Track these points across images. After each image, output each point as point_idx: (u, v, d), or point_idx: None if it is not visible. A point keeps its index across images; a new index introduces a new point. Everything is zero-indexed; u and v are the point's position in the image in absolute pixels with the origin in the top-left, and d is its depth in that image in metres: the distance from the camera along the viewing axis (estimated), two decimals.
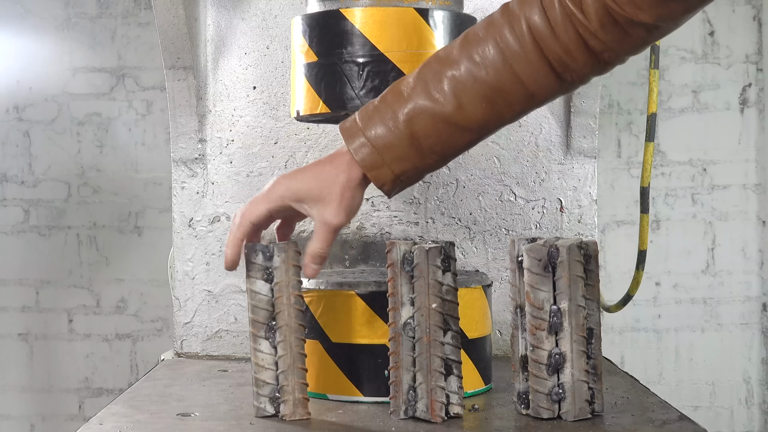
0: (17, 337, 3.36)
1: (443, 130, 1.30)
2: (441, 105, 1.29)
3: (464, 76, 1.29)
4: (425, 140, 1.30)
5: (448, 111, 1.29)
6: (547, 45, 1.27)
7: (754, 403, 3.32)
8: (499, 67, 1.29)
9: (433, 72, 1.31)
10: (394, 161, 1.30)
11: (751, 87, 3.31)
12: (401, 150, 1.30)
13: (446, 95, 1.29)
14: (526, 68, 1.28)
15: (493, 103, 1.30)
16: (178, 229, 1.94)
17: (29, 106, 3.34)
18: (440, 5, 1.51)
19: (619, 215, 3.30)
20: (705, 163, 3.31)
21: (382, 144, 1.30)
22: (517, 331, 1.37)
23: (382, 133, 1.30)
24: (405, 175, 1.32)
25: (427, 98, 1.30)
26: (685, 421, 1.35)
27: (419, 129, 1.30)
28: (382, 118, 1.31)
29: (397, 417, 1.37)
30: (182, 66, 1.86)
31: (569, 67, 1.29)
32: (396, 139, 1.30)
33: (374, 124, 1.31)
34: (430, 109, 1.30)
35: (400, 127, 1.30)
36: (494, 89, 1.29)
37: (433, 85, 1.30)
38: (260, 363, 1.37)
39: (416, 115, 1.30)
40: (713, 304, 3.32)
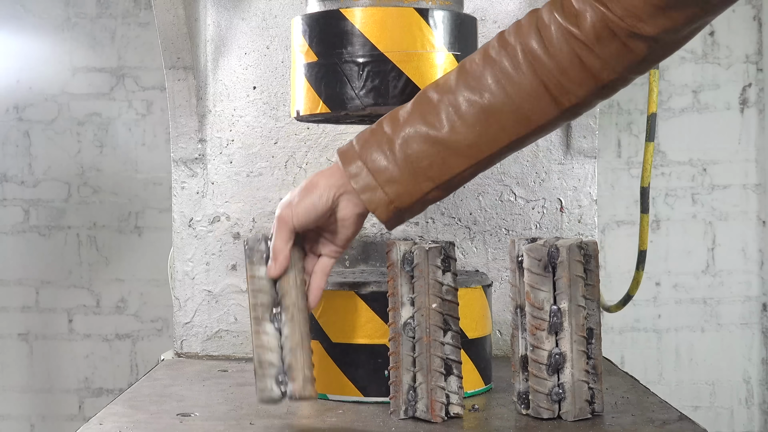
0: (17, 337, 3.36)
1: (436, 154, 1.30)
2: (435, 128, 1.30)
3: (458, 100, 1.30)
4: (419, 163, 1.30)
5: (441, 134, 1.30)
6: (542, 65, 1.27)
7: (754, 403, 3.33)
8: (493, 90, 1.29)
9: (430, 99, 1.32)
10: (387, 184, 1.30)
11: (751, 87, 3.31)
12: (395, 173, 1.30)
13: (440, 119, 1.30)
14: (520, 90, 1.28)
15: (486, 125, 1.29)
16: (178, 229, 1.94)
17: (29, 106, 3.34)
18: (440, 5, 1.51)
19: (619, 215, 3.30)
20: (705, 163, 3.31)
21: (376, 167, 1.30)
22: (517, 331, 1.37)
23: (377, 156, 1.31)
24: (399, 200, 1.31)
25: (422, 123, 1.30)
26: (685, 421, 1.35)
27: (413, 152, 1.30)
28: (378, 143, 1.31)
29: (397, 417, 1.37)
30: (182, 66, 1.86)
31: (565, 89, 1.27)
32: (390, 163, 1.30)
33: (370, 149, 1.31)
34: (424, 133, 1.30)
35: (394, 150, 1.30)
36: (487, 111, 1.29)
37: (428, 110, 1.31)
38: (264, 345, 1.32)
39: (410, 138, 1.30)
40: (713, 304, 3.32)
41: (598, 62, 1.25)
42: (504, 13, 1.92)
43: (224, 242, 1.93)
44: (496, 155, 1.32)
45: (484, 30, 1.90)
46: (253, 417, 1.41)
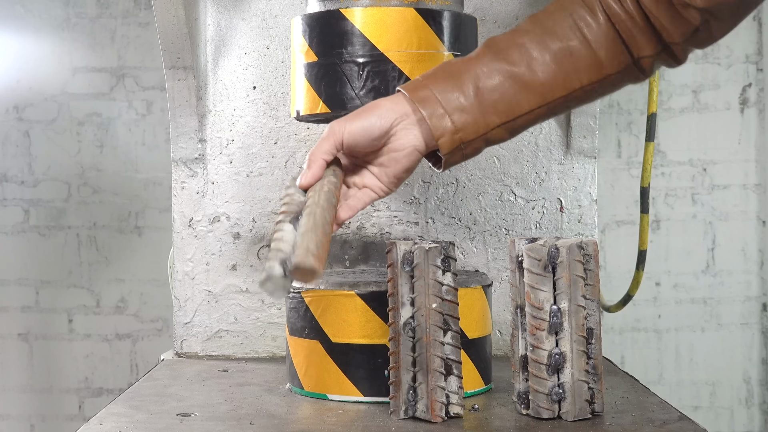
0: (17, 337, 3.36)
1: (508, 87, 1.29)
2: (509, 63, 1.29)
3: (534, 40, 1.30)
4: (489, 96, 1.28)
5: (515, 68, 1.29)
6: (615, 14, 1.29)
7: (754, 403, 3.32)
8: (569, 34, 1.29)
9: (502, 41, 1.31)
10: (456, 111, 1.27)
11: (751, 87, 3.31)
12: (464, 102, 1.28)
13: (514, 55, 1.29)
14: (597, 35, 1.29)
15: (561, 65, 1.29)
16: (178, 229, 1.94)
17: (29, 106, 3.34)
18: (440, 5, 1.51)
19: (619, 215, 3.30)
20: (705, 163, 3.31)
21: (445, 95, 1.28)
22: (517, 331, 1.37)
23: (447, 85, 1.28)
24: (465, 131, 1.28)
25: (495, 59, 1.30)
26: (685, 421, 1.35)
27: (484, 85, 1.28)
28: (448, 74, 1.30)
29: (397, 417, 1.37)
30: (182, 66, 1.86)
31: (636, 41, 1.29)
32: (459, 92, 1.28)
33: (437, 78, 1.29)
34: (497, 66, 1.29)
35: (464, 81, 1.28)
36: (563, 51, 1.29)
37: (500, 49, 1.30)
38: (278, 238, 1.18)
39: (482, 72, 1.29)
40: (713, 304, 3.32)
41: (658, 22, 1.28)
42: (504, 13, 1.92)
43: (224, 242, 1.93)
44: (564, 100, 1.32)
45: (484, 30, 1.90)
46: (253, 417, 1.41)
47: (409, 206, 1.93)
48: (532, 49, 1.29)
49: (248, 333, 1.93)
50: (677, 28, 1.28)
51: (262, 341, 1.93)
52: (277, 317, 1.92)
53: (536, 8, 1.92)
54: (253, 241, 1.93)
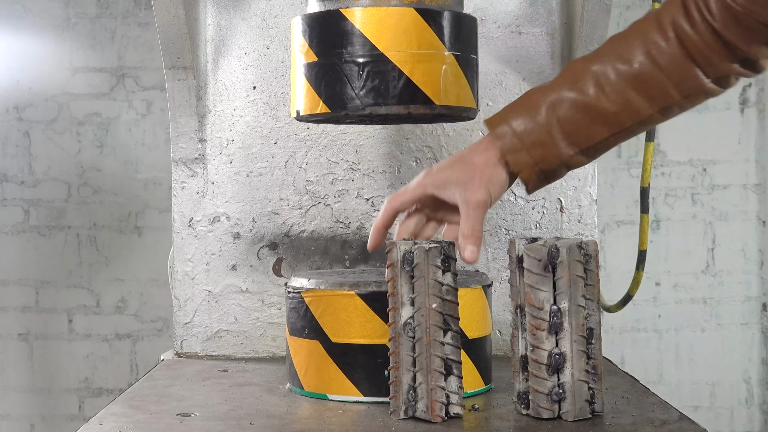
0: (17, 337, 3.36)
1: (582, 119, 1.33)
2: (582, 93, 1.33)
3: (608, 68, 1.33)
4: (564, 128, 1.33)
5: (588, 99, 1.33)
6: (686, 36, 1.31)
7: (754, 403, 3.32)
8: (642, 60, 1.32)
9: (578, 68, 1.36)
10: (533, 146, 1.34)
11: (751, 87, 3.31)
12: (540, 135, 1.33)
13: (588, 84, 1.34)
14: (666, 59, 1.32)
15: (634, 93, 1.32)
16: (178, 229, 1.94)
17: (29, 106, 3.34)
18: (440, 5, 1.51)
19: (619, 215, 3.30)
20: (705, 163, 3.31)
21: (522, 129, 1.34)
22: (517, 331, 1.37)
23: (523, 120, 1.34)
24: (544, 163, 1.34)
25: (570, 88, 1.34)
26: (685, 421, 1.35)
27: (559, 117, 1.33)
28: (525, 107, 1.36)
29: (397, 417, 1.37)
30: (182, 66, 1.86)
31: (709, 61, 1.31)
32: (535, 125, 1.34)
33: (516, 114, 1.36)
34: (570, 97, 1.34)
35: (540, 113, 1.34)
36: (636, 79, 1.32)
37: (576, 78, 1.35)
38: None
39: (557, 103, 1.34)
40: (713, 304, 3.32)
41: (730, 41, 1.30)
42: (504, 13, 1.92)
43: (224, 242, 1.93)
44: (638, 125, 1.36)
45: (484, 30, 1.90)
46: (253, 417, 1.41)
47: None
48: (605, 78, 1.33)
49: (248, 333, 1.93)
50: (750, 45, 1.30)
51: (262, 341, 1.93)
52: (277, 317, 1.92)
53: (536, 8, 1.92)
54: (253, 241, 1.93)
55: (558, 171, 1.37)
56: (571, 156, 1.35)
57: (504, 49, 1.92)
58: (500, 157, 1.35)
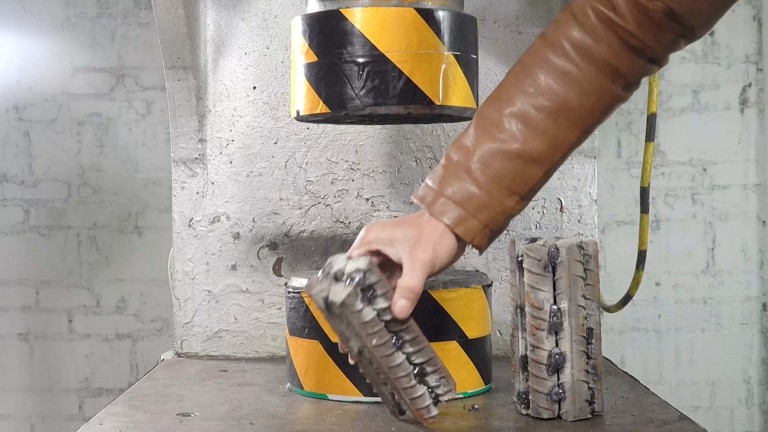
0: (17, 337, 3.36)
1: (517, 168, 1.30)
2: (508, 142, 1.30)
3: (522, 109, 1.30)
4: (503, 182, 1.30)
5: (516, 146, 1.30)
6: (593, 55, 1.29)
7: (754, 403, 3.32)
8: (554, 91, 1.30)
9: (491, 116, 1.32)
10: (478, 211, 1.30)
11: (751, 87, 3.31)
12: (482, 198, 1.30)
13: (510, 132, 1.30)
14: (580, 84, 1.30)
15: (557, 126, 1.30)
16: (178, 229, 1.94)
17: (29, 106, 3.34)
18: (440, 5, 1.51)
19: (619, 215, 3.30)
20: (705, 163, 3.31)
21: (462, 198, 1.30)
22: (517, 331, 1.37)
23: (459, 187, 1.30)
24: (493, 223, 1.31)
25: (493, 140, 1.30)
26: (685, 421, 1.35)
27: (493, 172, 1.30)
28: (455, 174, 1.31)
29: (396, 418, 1.37)
30: (182, 66, 1.86)
31: (619, 71, 1.30)
32: (475, 189, 1.30)
33: (448, 182, 1.31)
34: (498, 150, 1.30)
35: (475, 176, 1.30)
36: (554, 114, 1.30)
37: (494, 127, 1.31)
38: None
39: (487, 160, 1.30)
40: (713, 304, 3.32)
41: (639, 43, 1.29)
42: (504, 13, 1.92)
43: (224, 242, 1.93)
44: (568, 152, 1.35)
45: (484, 30, 1.90)
46: (253, 417, 1.41)
47: (409, 206, 1.93)
48: (526, 119, 1.30)
49: (248, 333, 1.93)
50: (661, 43, 1.29)
51: (262, 341, 1.93)
52: (277, 317, 1.92)
53: (536, 8, 1.92)
54: (253, 241, 1.93)
55: (504, 225, 1.34)
56: (513, 207, 1.32)
57: (504, 49, 1.92)
58: (446, 230, 1.30)
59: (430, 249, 1.29)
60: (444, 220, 1.30)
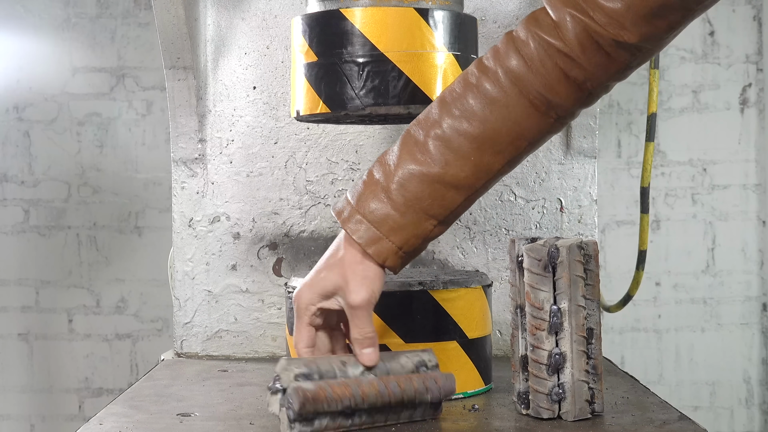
0: (17, 337, 3.36)
1: (435, 192, 1.27)
2: (429, 165, 1.26)
3: (447, 133, 1.27)
4: (419, 204, 1.27)
5: (436, 171, 1.26)
6: (526, 85, 1.25)
7: (754, 403, 3.33)
8: (481, 116, 1.26)
9: (416, 136, 1.28)
10: (392, 233, 1.27)
11: (751, 87, 3.31)
12: (397, 220, 1.27)
13: (432, 155, 1.27)
14: (508, 113, 1.25)
15: (481, 153, 1.27)
16: (178, 229, 1.94)
17: (29, 106, 3.34)
18: (440, 5, 1.51)
19: (619, 215, 3.30)
20: (705, 163, 3.31)
21: (376, 217, 1.27)
22: (517, 331, 1.37)
23: (376, 206, 1.27)
24: (407, 246, 1.28)
25: (414, 162, 1.27)
26: (685, 421, 1.35)
27: (411, 195, 1.27)
28: (373, 192, 1.28)
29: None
30: (182, 66, 1.86)
31: (552, 103, 1.26)
32: (391, 210, 1.27)
33: (366, 200, 1.28)
34: (418, 173, 1.27)
35: (392, 197, 1.27)
36: (479, 140, 1.26)
37: (417, 148, 1.27)
38: None
39: (406, 182, 1.27)
40: (713, 304, 3.32)
41: (582, 73, 1.24)
42: (504, 13, 1.92)
43: (224, 242, 1.93)
44: (492, 180, 1.30)
45: (484, 30, 1.90)
46: (253, 417, 1.41)
47: None
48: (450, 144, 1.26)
49: (248, 333, 1.93)
50: (606, 72, 1.24)
51: (262, 341, 1.93)
52: (277, 317, 1.92)
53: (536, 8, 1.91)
54: (253, 241, 1.93)
55: (422, 247, 1.31)
56: (431, 230, 1.28)
57: None
58: (362, 251, 1.27)
59: (363, 289, 1.27)
60: (356, 239, 1.27)
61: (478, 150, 1.26)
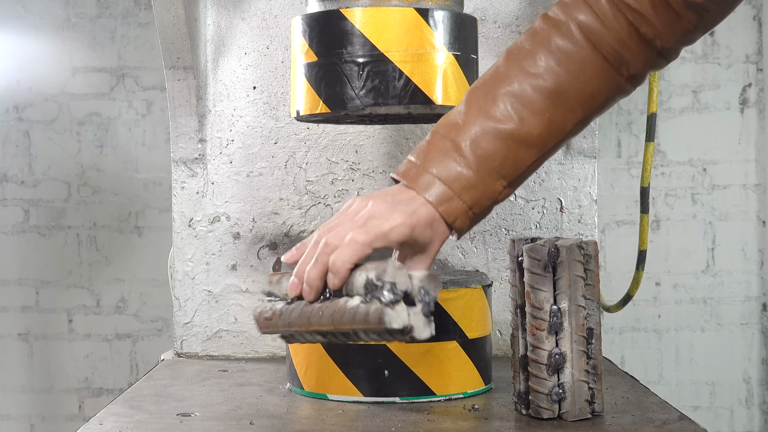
0: (17, 337, 3.36)
1: (509, 150, 1.23)
2: (503, 122, 1.23)
3: (520, 89, 1.24)
4: (492, 163, 1.23)
5: (510, 127, 1.23)
6: (600, 39, 1.24)
7: (754, 403, 3.32)
8: (555, 72, 1.24)
9: (485, 93, 1.25)
10: (464, 191, 1.22)
11: (751, 87, 3.31)
12: (470, 178, 1.22)
13: (506, 112, 1.23)
14: (582, 68, 1.24)
15: (555, 109, 1.24)
16: (178, 229, 1.94)
17: (29, 106, 3.34)
18: (440, 5, 1.51)
19: (619, 215, 3.30)
20: (705, 163, 3.31)
21: (448, 175, 1.22)
22: (517, 331, 1.37)
23: (446, 165, 1.22)
24: (477, 206, 1.23)
25: (487, 118, 1.23)
26: (685, 421, 1.35)
27: (484, 152, 1.22)
28: (443, 151, 1.23)
29: None
30: (182, 66, 1.86)
31: (624, 59, 1.25)
32: (463, 168, 1.22)
33: (435, 158, 1.23)
34: (492, 129, 1.23)
35: (465, 154, 1.22)
36: (553, 96, 1.24)
37: (488, 105, 1.24)
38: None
39: (479, 138, 1.22)
40: (713, 304, 3.32)
41: (651, 30, 1.23)
42: (504, 13, 1.92)
43: (224, 242, 1.93)
44: (564, 139, 1.28)
45: (484, 30, 1.90)
46: (253, 417, 1.41)
47: None
48: (523, 100, 1.23)
49: (248, 333, 1.93)
50: (674, 32, 1.24)
51: (262, 341, 1.93)
52: None
53: (536, 8, 1.92)
54: (253, 241, 1.93)
55: (488, 210, 1.26)
56: (500, 191, 1.25)
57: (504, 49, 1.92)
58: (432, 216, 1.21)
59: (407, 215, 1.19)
60: (427, 197, 1.21)
61: (552, 106, 1.24)
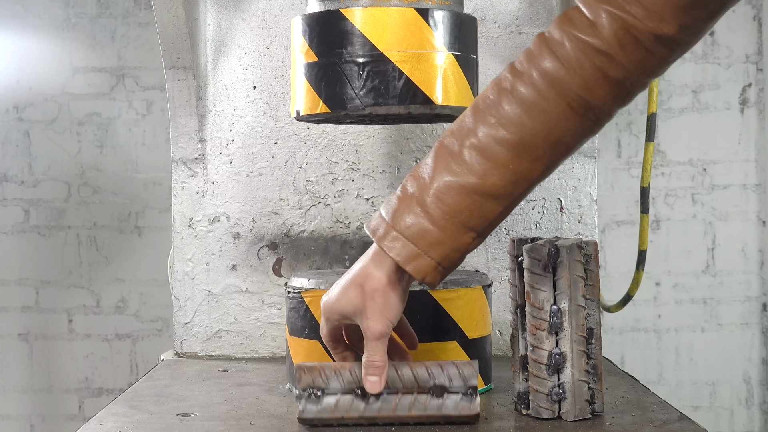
0: (17, 337, 3.36)
1: (474, 203, 1.22)
2: (466, 176, 1.22)
3: (483, 141, 1.22)
4: (458, 217, 1.22)
5: (474, 181, 1.22)
6: (564, 87, 1.21)
7: (754, 403, 3.33)
8: (519, 122, 1.22)
9: (450, 147, 1.25)
10: (431, 248, 1.22)
11: (751, 87, 3.31)
12: (436, 235, 1.22)
13: (469, 165, 1.22)
14: (547, 116, 1.21)
15: (519, 160, 1.22)
16: (178, 229, 1.94)
17: (29, 106, 3.34)
18: (440, 5, 1.51)
19: (619, 215, 3.30)
20: (705, 163, 3.31)
21: (414, 233, 1.22)
22: (517, 331, 1.37)
23: (412, 221, 1.23)
24: (446, 261, 1.24)
25: (450, 173, 1.23)
26: (685, 421, 1.35)
27: (449, 208, 1.22)
28: (408, 207, 1.24)
29: None
30: (182, 66, 1.86)
31: (590, 105, 1.22)
32: (428, 224, 1.22)
33: (402, 215, 1.24)
34: (455, 184, 1.22)
35: (429, 211, 1.22)
36: (518, 147, 1.22)
37: (452, 159, 1.23)
38: None
39: (443, 194, 1.22)
40: (713, 304, 3.32)
41: (621, 71, 1.20)
42: (504, 13, 1.92)
43: (224, 242, 1.93)
44: (530, 188, 1.26)
45: (484, 30, 1.90)
46: (253, 417, 1.41)
47: None
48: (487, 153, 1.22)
49: (248, 333, 1.93)
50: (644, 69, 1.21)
51: (262, 341, 1.93)
52: (277, 317, 1.92)
53: (536, 8, 1.92)
54: (253, 241, 1.93)
55: (459, 261, 1.25)
56: (470, 243, 1.24)
57: (504, 49, 1.92)
58: (396, 270, 1.24)
59: (379, 322, 1.25)
60: (393, 256, 1.23)
61: (516, 157, 1.22)
